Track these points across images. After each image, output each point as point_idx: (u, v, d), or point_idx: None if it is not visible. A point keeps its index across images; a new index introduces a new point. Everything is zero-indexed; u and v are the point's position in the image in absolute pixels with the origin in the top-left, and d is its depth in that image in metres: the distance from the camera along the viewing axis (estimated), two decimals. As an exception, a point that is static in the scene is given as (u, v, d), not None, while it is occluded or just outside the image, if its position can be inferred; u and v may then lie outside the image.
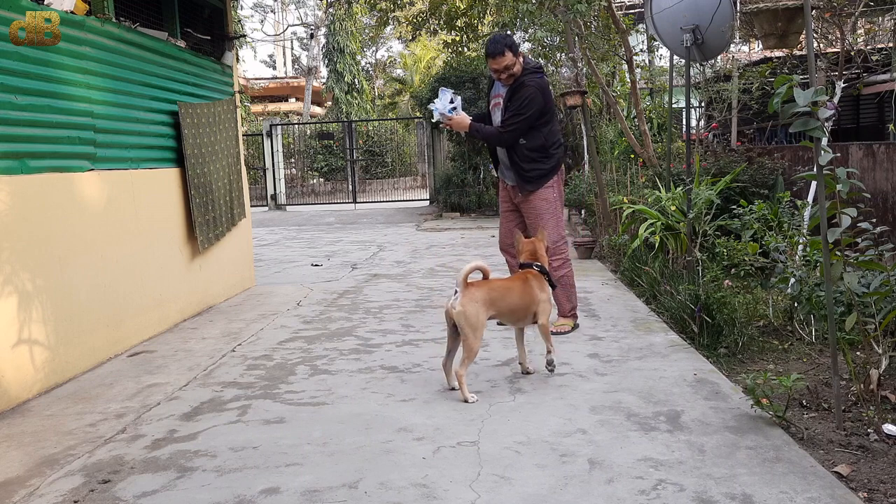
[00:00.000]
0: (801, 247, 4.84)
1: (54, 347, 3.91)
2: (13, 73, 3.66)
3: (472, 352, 3.44)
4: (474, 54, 14.68)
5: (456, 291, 3.46)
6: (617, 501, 2.40)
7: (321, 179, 22.33)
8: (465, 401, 3.38)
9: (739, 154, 7.31)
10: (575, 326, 4.72)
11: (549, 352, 3.80)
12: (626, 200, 6.80)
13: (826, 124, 2.92)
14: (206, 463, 2.82)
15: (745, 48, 11.95)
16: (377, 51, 35.26)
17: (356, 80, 27.78)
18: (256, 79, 30.92)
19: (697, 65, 7.52)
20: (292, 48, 35.84)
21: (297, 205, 18.22)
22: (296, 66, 35.33)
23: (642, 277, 5.77)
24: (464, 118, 4.51)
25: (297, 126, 22.36)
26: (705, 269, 4.80)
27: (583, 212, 10.51)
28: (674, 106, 8.98)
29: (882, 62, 6.46)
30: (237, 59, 6.97)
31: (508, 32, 12.61)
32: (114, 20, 4.62)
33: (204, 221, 5.65)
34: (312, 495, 2.52)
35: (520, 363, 3.84)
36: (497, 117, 4.60)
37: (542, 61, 12.52)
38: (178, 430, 3.19)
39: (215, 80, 6.14)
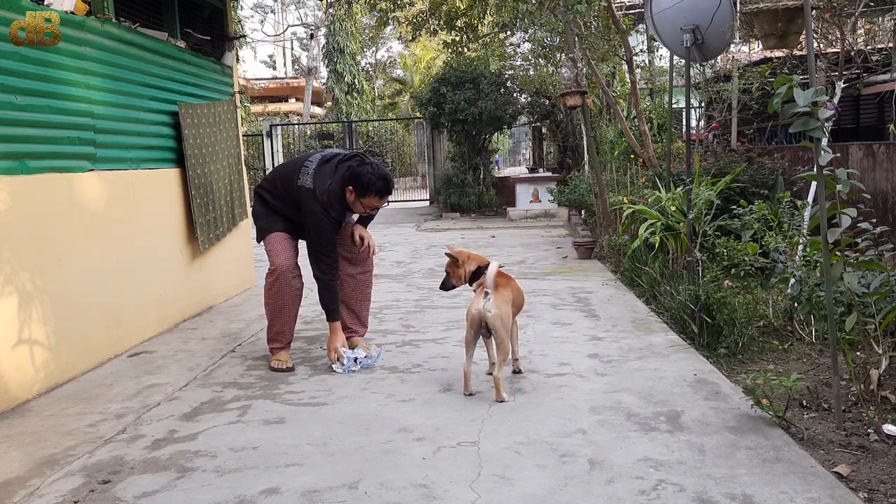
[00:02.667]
0: (801, 247, 4.84)
1: (54, 347, 3.91)
2: (13, 73, 3.66)
3: (507, 353, 3.45)
4: (474, 54, 14.69)
5: (487, 294, 3.37)
6: (617, 502, 2.40)
7: (321, 180, 22.27)
8: (503, 400, 3.36)
9: (739, 154, 7.31)
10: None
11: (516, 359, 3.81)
12: (626, 201, 6.80)
13: (826, 124, 2.92)
14: (206, 463, 2.82)
15: (745, 48, 11.95)
16: (377, 51, 35.29)
17: (356, 80, 27.79)
18: (256, 79, 30.93)
19: (697, 65, 7.52)
20: (292, 48, 35.85)
21: (297, 205, 18.18)
22: (296, 67, 35.33)
23: (642, 278, 5.77)
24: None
25: (297, 126, 22.37)
26: (705, 270, 4.80)
27: (583, 212, 10.52)
28: (674, 106, 8.98)
29: (882, 62, 6.46)
30: (237, 60, 6.97)
31: (508, 32, 12.65)
32: (114, 20, 4.62)
33: (205, 222, 5.65)
34: (312, 495, 2.52)
35: (515, 358, 3.83)
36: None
37: (542, 61, 12.55)
38: (178, 430, 3.19)
39: (215, 80, 6.14)
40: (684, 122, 6.45)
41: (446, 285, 3.86)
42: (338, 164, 3.97)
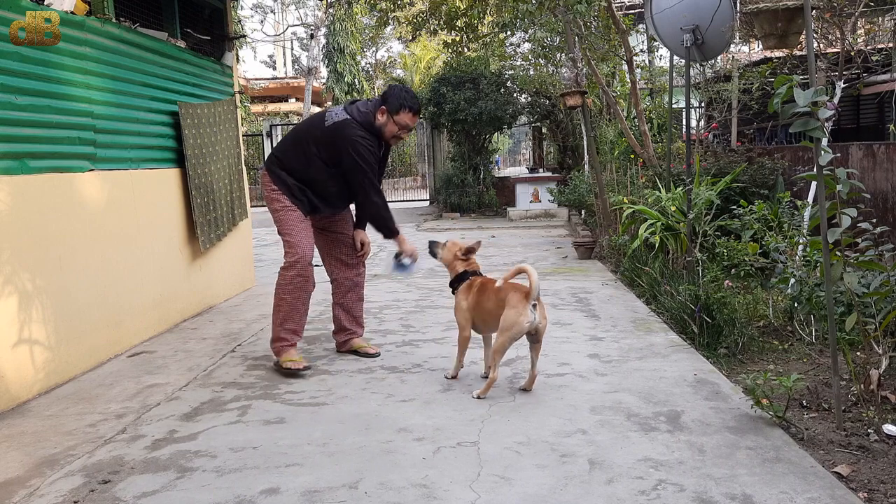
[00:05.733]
0: (801, 247, 4.84)
1: (54, 347, 3.91)
2: (13, 73, 3.66)
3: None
4: (474, 54, 14.69)
5: (535, 306, 3.36)
6: (617, 501, 2.40)
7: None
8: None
9: (739, 154, 7.31)
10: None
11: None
12: (626, 201, 6.80)
13: (826, 124, 2.92)
14: (206, 463, 2.82)
15: (745, 48, 11.96)
16: (377, 51, 35.26)
17: (356, 80, 27.79)
18: (256, 79, 30.92)
19: (697, 65, 7.52)
20: (292, 48, 35.84)
21: (297, 205, 18.17)
22: (296, 67, 35.31)
23: (642, 278, 5.77)
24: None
25: (297, 126, 22.32)
26: (705, 270, 4.80)
27: (583, 212, 10.52)
28: (674, 106, 8.98)
29: (882, 62, 6.47)
30: (237, 60, 6.97)
31: (508, 32, 12.65)
32: (114, 20, 4.62)
33: (205, 222, 5.65)
34: (312, 495, 2.52)
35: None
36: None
37: (542, 61, 12.56)
38: (178, 430, 3.19)
39: (215, 80, 6.14)
40: (684, 122, 6.45)
41: (435, 253, 3.95)
42: (367, 101, 4.01)
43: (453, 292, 3.82)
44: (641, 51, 11.83)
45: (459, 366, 3.76)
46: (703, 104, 10.73)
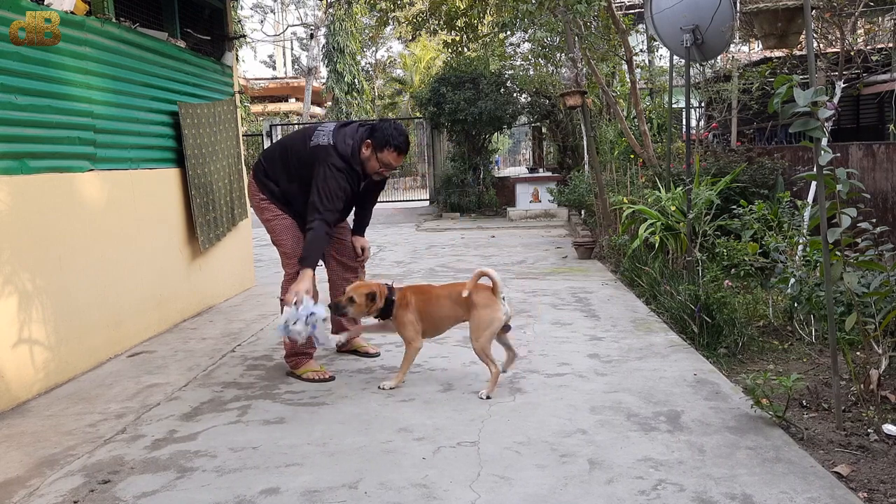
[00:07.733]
0: (801, 247, 4.84)
1: (54, 347, 3.91)
2: (13, 73, 3.66)
3: None
4: (474, 54, 14.69)
5: (504, 298, 3.55)
6: (617, 501, 2.40)
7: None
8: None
9: (739, 154, 7.31)
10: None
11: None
12: (626, 200, 6.80)
13: (826, 124, 2.92)
14: (206, 463, 2.82)
15: (745, 48, 11.96)
16: (377, 51, 35.27)
17: (356, 80, 27.80)
18: (256, 79, 30.94)
19: (697, 65, 7.52)
20: (292, 48, 35.85)
21: (297, 205, 18.17)
22: (296, 67, 35.31)
23: (642, 278, 5.76)
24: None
25: (297, 126, 22.36)
26: (705, 270, 4.80)
27: (583, 212, 10.52)
28: (674, 106, 8.98)
29: (882, 62, 6.47)
30: (237, 60, 6.97)
31: (508, 32, 12.65)
32: (114, 20, 4.62)
33: (205, 221, 5.65)
34: (312, 495, 2.52)
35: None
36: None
37: (542, 61, 12.56)
38: (178, 430, 3.19)
39: (215, 80, 6.14)
40: (684, 122, 6.45)
41: (341, 311, 3.60)
42: (358, 127, 3.88)
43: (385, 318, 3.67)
44: (641, 51, 11.83)
45: (403, 378, 3.67)
46: (702, 104, 10.73)
